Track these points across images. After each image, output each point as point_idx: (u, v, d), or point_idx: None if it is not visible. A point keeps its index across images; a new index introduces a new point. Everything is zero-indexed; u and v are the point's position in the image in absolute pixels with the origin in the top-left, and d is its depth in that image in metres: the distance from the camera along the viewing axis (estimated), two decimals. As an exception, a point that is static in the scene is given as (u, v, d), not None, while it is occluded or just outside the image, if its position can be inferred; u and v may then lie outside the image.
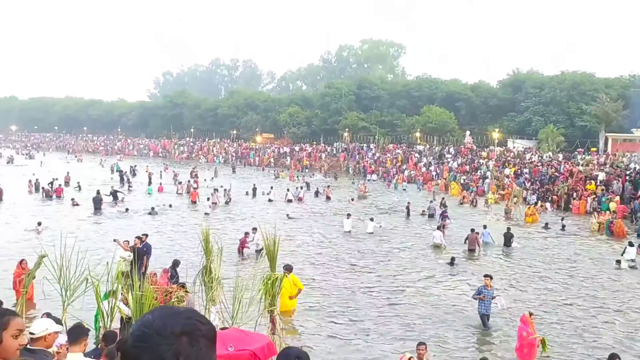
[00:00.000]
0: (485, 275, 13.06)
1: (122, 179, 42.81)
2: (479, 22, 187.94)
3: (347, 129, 68.15)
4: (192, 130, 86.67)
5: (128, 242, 16.02)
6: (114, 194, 32.43)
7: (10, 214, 27.45)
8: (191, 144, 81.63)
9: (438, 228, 23.04)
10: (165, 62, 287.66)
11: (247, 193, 37.37)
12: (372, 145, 63.03)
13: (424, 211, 30.02)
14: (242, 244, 19.86)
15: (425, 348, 9.06)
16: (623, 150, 46.86)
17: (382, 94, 73.55)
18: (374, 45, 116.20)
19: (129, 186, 40.07)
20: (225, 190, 35.18)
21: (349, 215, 25.69)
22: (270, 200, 34.98)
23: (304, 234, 24.32)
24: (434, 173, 48.18)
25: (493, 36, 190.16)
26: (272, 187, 37.39)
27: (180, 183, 40.02)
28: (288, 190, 36.84)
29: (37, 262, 11.41)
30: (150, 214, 28.44)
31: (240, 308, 9.46)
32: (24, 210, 28.43)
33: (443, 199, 33.99)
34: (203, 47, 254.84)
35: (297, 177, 49.61)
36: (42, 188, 35.12)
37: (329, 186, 39.05)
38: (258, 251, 19.72)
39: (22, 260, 13.21)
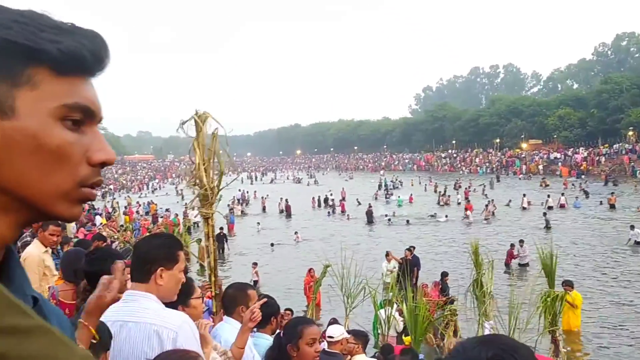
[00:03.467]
0: None
1: (387, 192, 45.82)
2: None
3: (631, 128, 59.41)
4: (453, 142, 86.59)
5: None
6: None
7: (298, 227, 31.27)
8: (453, 155, 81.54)
9: None
10: (424, 77, 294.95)
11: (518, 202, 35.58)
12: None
13: None
14: (510, 256, 18.95)
15: None
16: None
17: (677, 82, 62.23)
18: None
19: (387, 198, 43.28)
20: (491, 201, 34.19)
21: (632, 226, 22.06)
22: (524, 209, 33.26)
23: (578, 246, 21.94)
24: None
25: None
26: (524, 195, 35.23)
27: (442, 195, 40.25)
28: (548, 196, 34.35)
29: (323, 271, 12.79)
30: (407, 223, 29.84)
31: (517, 325, 9.01)
32: (309, 223, 32.18)
33: None
34: (461, 58, 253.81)
35: (573, 184, 45.14)
36: (327, 202, 39.57)
37: (612, 193, 34.53)
38: (522, 265, 18.69)
39: (310, 269, 14.90)
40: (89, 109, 0.66)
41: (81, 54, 0.64)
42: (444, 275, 14.16)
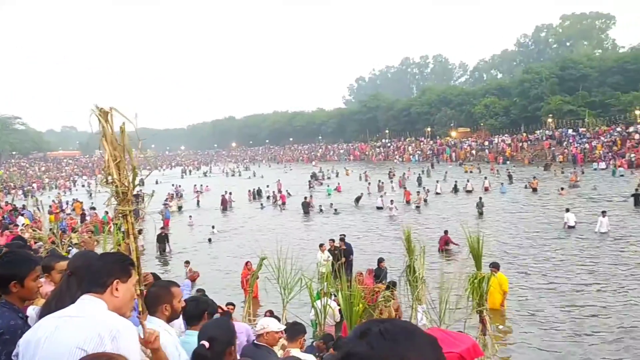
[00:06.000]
0: None
1: (310, 183, 46.72)
2: None
3: (550, 115, 62.86)
4: (387, 131, 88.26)
5: (333, 240, 17.02)
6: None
7: (236, 220, 30.98)
8: (387, 145, 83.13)
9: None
10: (357, 68, 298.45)
11: (453, 189, 36.85)
12: (581, 130, 57.14)
13: (637, 196, 26.10)
14: (443, 242, 19.60)
15: None
16: None
17: (590, 72, 66.20)
18: (576, 20, 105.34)
19: (312, 187, 44.09)
20: (423, 188, 35.35)
21: (567, 209, 23.27)
22: (437, 194, 35.54)
23: (505, 229, 23.02)
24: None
25: None
26: (437, 181, 38.69)
27: (369, 184, 41.17)
28: (468, 181, 37.46)
29: (259, 263, 12.72)
30: (335, 213, 30.48)
31: (447, 307, 9.35)
32: (246, 216, 31.93)
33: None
34: (392, 48, 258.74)
35: (498, 170, 47.24)
36: (260, 194, 39.74)
37: (534, 177, 36.47)
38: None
39: (247, 262, 14.80)
40: None
41: None
42: (380, 260, 14.45)
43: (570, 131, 57.67)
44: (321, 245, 16.49)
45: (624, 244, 18.92)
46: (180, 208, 36.90)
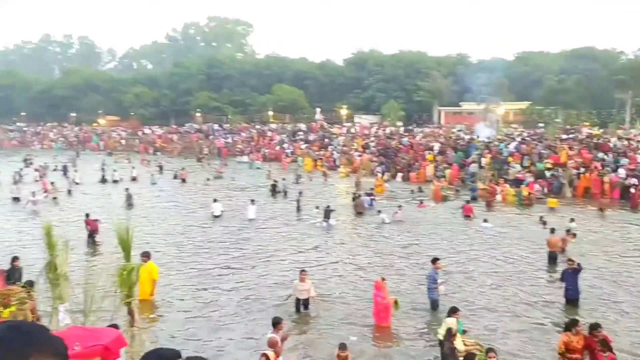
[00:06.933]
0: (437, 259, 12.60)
1: None
2: (324, 2, 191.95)
3: (198, 109, 66.44)
4: (23, 114, 78.30)
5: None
6: None
7: None
8: (24, 129, 73.73)
9: (252, 202, 23.88)
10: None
11: (100, 179, 35.10)
12: (225, 125, 62.25)
13: (274, 186, 30.37)
14: (88, 225, 18.81)
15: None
16: (454, 122, 52.10)
17: (233, 73, 72.81)
18: (221, 23, 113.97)
19: None
20: (67, 178, 32.70)
21: (215, 200, 24.80)
22: (77, 183, 33.80)
23: (153, 219, 23.39)
24: (287, 150, 48.94)
25: (338, 16, 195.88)
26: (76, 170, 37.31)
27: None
28: (115, 171, 37.03)
29: None
30: None
31: (93, 303, 8.92)
32: None
33: (299, 175, 34.92)
34: (30, 23, 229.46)
35: (148, 161, 47.29)
36: None
37: (183, 168, 37.96)
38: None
39: None
40: None
41: None
42: (14, 259, 12.79)
43: (216, 126, 62.14)
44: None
45: (267, 228, 21.49)
46: None
